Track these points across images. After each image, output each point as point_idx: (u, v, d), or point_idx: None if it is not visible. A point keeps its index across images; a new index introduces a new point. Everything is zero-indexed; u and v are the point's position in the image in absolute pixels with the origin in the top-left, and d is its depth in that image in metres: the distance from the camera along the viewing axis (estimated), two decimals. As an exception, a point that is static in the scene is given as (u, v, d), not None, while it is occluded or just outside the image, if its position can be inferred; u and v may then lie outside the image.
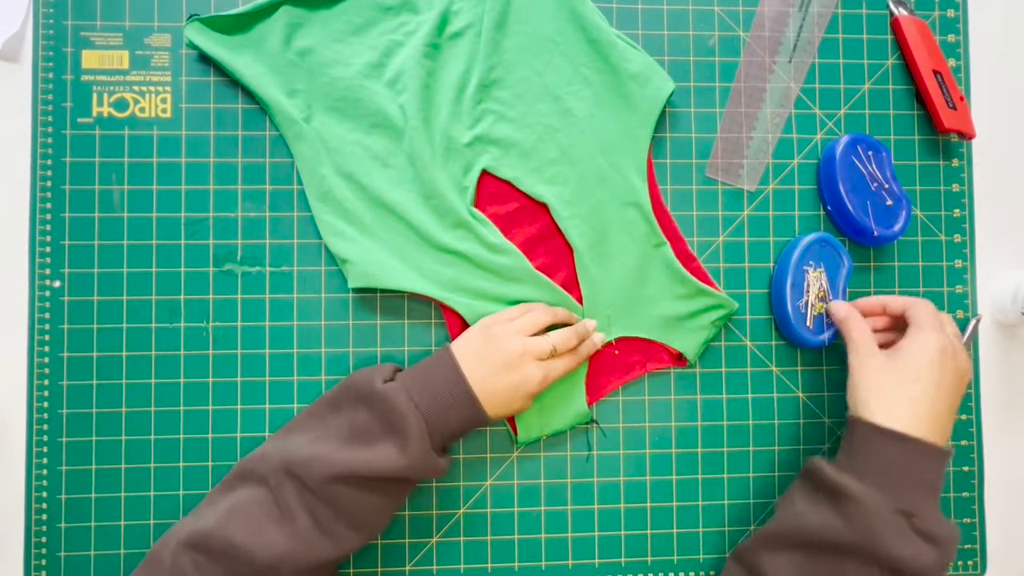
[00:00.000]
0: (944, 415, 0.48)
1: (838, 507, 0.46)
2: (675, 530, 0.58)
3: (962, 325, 0.60)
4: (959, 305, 0.61)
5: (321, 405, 0.51)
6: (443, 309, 0.56)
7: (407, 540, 0.56)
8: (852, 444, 0.48)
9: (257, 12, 0.56)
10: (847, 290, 0.58)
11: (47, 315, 0.55)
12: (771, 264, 0.59)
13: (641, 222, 0.57)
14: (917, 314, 0.51)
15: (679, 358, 0.58)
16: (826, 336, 0.57)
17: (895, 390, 0.48)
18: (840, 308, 0.54)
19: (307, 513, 0.46)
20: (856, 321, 0.52)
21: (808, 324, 0.57)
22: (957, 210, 0.61)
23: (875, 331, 0.54)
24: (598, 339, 0.56)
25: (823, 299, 0.57)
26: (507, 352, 0.50)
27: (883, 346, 0.52)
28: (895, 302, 0.54)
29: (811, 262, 0.57)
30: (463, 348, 0.51)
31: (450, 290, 0.55)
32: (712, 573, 0.58)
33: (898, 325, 0.54)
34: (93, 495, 0.54)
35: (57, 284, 0.55)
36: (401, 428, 0.47)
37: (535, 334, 0.52)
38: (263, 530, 0.45)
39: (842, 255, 0.58)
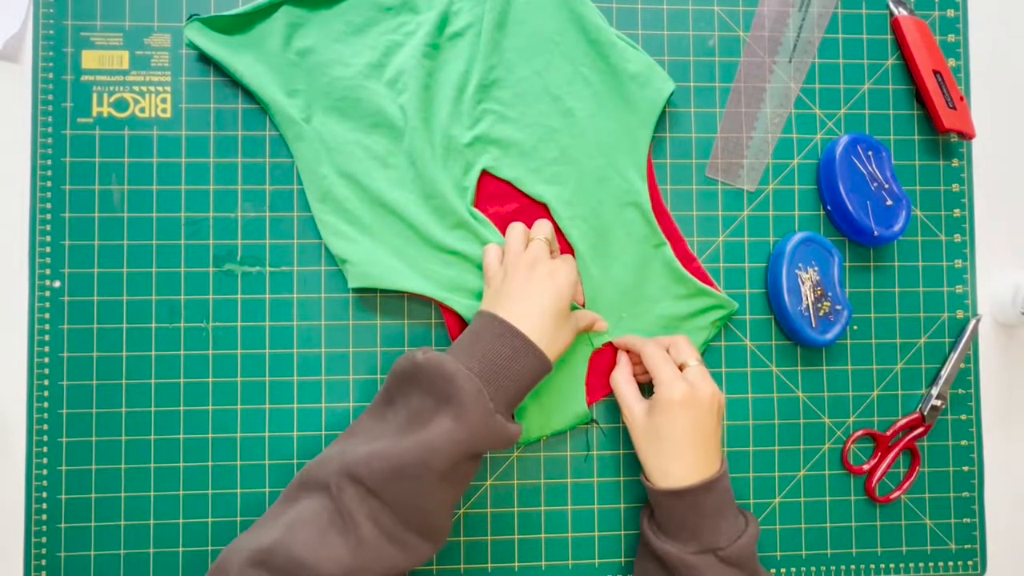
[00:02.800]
0: (710, 447, 0.51)
1: (664, 570, 0.51)
2: (675, 530, 0.58)
3: (962, 325, 0.61)
4: (959, 305, 0.61)
5: (376, 403, 0.48)
6: (443, 309, 0.56)
7: (407, 540, 0.56)
8: (653, 506, 0.52)
9: (257, 12, 0.56)
10: (843, 280, 0.58)
11: (47, 315, 0.55)
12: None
13: (641, 222, 0.57)
14: (650, 365, 0.52)
15: (679, 358, 0.58)
16: (833, 334, 0.56)
17: (661, 456, 0.51)
18: (613, 377, 0.55)
19: (371, 521, 0.43)
20: (621, 393, 0.54)
21: (814, 325, 0.57)
22: (957, 210, 0.61)
23: (637, 375, 0.56)
24: (601, 326, 0.56)
25: (822, 297, 0.57)
26: (524, 269, 0.50)
27: (646, 382, 0.55)
28: (632, 343, 0.56)
29: (800, 264, 0.57)
30: (490, 303, 0.49)
31: (450, 290, 0.55)
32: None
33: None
34: (93, 495, 0.54)
35: (57, 284, 0.55)
36: (453, 393, 0.44)
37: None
38: (327, 542, 0.43)
39: (830, 249, 0.58)
